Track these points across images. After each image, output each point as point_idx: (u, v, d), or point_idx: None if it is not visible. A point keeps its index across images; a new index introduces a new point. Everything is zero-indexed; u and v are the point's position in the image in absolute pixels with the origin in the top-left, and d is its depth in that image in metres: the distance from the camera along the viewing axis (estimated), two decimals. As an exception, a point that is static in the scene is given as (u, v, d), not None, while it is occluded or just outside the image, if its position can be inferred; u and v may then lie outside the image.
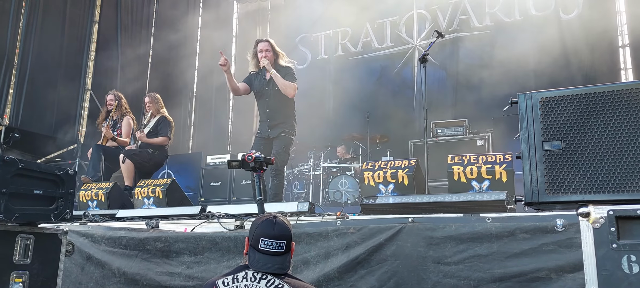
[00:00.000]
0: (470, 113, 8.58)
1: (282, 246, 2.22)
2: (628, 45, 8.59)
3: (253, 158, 3.29)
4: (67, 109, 10.12)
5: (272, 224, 2.24)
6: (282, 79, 4.95)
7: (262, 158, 3.32)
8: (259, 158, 3.30)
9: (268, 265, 2.18)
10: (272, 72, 4.96)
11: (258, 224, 2.27)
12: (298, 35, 12.01)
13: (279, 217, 2.30)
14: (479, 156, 3.89)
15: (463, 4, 10.11)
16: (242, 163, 3.32)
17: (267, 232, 2.22)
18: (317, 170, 8.18)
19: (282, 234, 2.23)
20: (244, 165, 3.31)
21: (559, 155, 2.20)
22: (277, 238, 2.21)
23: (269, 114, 5.06)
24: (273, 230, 2.22)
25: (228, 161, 3.44)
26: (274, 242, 2.20)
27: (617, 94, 2.13)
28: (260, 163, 3.32)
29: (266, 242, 2.20)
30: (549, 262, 2.57)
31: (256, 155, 3.31)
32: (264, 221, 2.27)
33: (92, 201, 5.28)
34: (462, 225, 2.84)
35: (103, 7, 11.03)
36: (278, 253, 2.20)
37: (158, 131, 6.34)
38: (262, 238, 2.20)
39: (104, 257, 3.89)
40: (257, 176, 3.35)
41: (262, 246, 2.19)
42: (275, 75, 4.96)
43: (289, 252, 2.26)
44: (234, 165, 3.38)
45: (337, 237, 3.16)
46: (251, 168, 3.31)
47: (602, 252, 1.95)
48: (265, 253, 2.19)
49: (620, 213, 1.95)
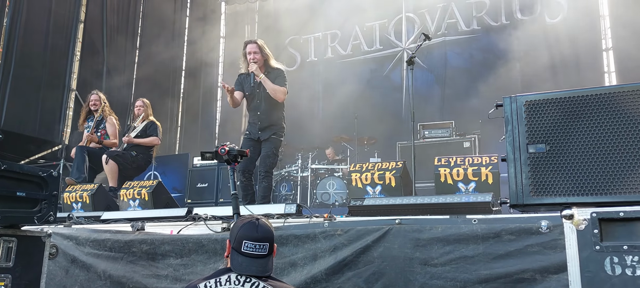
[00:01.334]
0: (457, 115, 8.66)
1: (265, 248, 2.20)
2: (611, 48, 8.72)
3: (227, 150, 3.22)
4: (51, 109, 9.98)
5: (255, 226, 2.23)
6: (271, 83, 4.92)
7: (235, 150, 3.25)
8: (232, 151, 3.24)
9: (251, 267, 2.16)
10: (261, 77, 4.92)
11: (240, 226, 2.25)
12: (287, 37, 12.02)
13: (261, 219, 2.28)
14: (466, 158, 3.91)
15: (451, 7, 10.19)
16: (216, 155, 3.25)
17: (250, 234, 2.20)
18: (305, 172, 8.17)
19: (264, 236, 2.21)
20: (217, 157, 3.24)
21: (543, 157, 2.22)
22: (260, 240, 2.19)
23: (260, 117, 5.03)
24: (256, 232, 2.21)
25: (201, 152, 3.38)
26: (257, 245, 2.19)
27: (601, 98, 2.16)
28: (234, 156, 3.25)
29: (249, 244, 2.18)
30: (534, 263, 2.60)
31: (230, 147, 3.24)
32: (247, 223, 2.25)
33: (76, 203, 5.23)
34: (449, 226, 2.85)
35: (89, 7, 10.89)
36: (261, 255, 2.19)
37: (147, 135, 6.36)
38: (245, 241, 2.18)
39: (89, 259, 3.85)
40: (231, 169, 3.28)
41: (245, 248, 2.18)
42: (265, 80, 4.92)
43: (271, 254, 2.25)
44: (207, 156, 3.32)
45: (325, 238, 3.16)
46: (224, 161, 3.25)
47: (586, 253, 1.97)
48: (249, 255, 2.17)
49: (603, 216, 1.97)
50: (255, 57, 4.97)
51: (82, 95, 10.20)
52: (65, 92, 10.30)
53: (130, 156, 6.16)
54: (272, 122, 5.00)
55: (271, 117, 5.00)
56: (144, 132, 6.36)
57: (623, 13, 8.34)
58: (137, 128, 6.37)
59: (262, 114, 5.01)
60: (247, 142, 5.08)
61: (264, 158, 4.94)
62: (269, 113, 5.00)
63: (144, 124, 6.41)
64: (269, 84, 4.91)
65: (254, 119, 5.09)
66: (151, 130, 6.37)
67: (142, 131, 6.36)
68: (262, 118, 5.01)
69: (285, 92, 4.94)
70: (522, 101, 2.30)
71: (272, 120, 5.00)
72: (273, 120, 5.01)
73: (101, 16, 11.07)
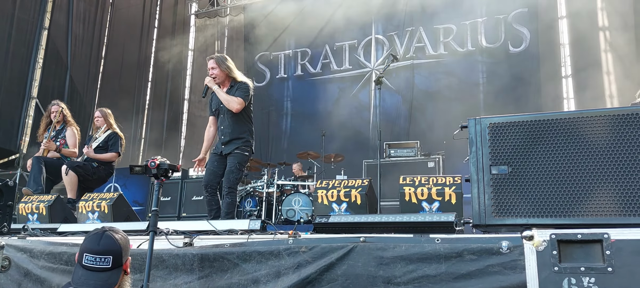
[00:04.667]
0: (422, 136, 8.84)
1: (107, 261, 2.12)
2: (570, 76, 9.09)
3: (157, 164, 3.12)
4: (10, 117, 9.64)
5: (98, 238, 2.15)
6: (224, 93, 4.90)
7: (166, 165, 3.14)
8: (163, 165, 3.13)
9: (89, 281, 2.07)
10: (214, 88, 4.92)
11: (85, 238, 2.18)
12: (257, 53, 12.03)
13: (109, 231, 2.20)
14: (430, 178, 3.96)
15: (419, 32, 10.46)
16: (145, 169, 3.14)
17: (91, 246, 2.13)
18: (271, 188, 8.11)
19: (107, 249, 2.13)
20: (147, 171, 3.13)
21: (505, 179, 2.27)
22: (101, 253, 2.11)
23: (223, 131, 4.99)
24: (97, 245, 2.13)
25: (130, 166, 3.27)
26: (98, 257, 2.11)
27: (560, 122, 2.23)
28: (163, 171, 3.14)
29: (89, 257, 2.11)
30: (495, 283, 2.62)
31: (160, 162, 3.13)
32: (92, 235, 2.18)
33: (32, 214, 5.02)
34: (412, 245, 2.87)
35: (54, 14, 10.64)
36: (102, 269, 2.11)
37: (108, 146, 6.16)
38: (85, 254, 2.11)
39: (43, 273, 3.69)
40: (157, 184, 3.16)
41: (85, 261, 2.10)
42: (217, 91, 4.91)
43: (117, 269, 2.15)
44: (137, 170, 3.20)
45: (289, 255, 3.13)
46: (153, 175, 3.13)
47: (545, 274, 2.01)
48: (88, 268, 2.10)
49: (562, 237, 2.02)
50: (214, 72, 4.97)
51: (43, 104, 9.90)
52: (25, 100, 9.98)
53: (91, 167, 5.98)
54: (234, 136, 4.95)
55: (234, 131, 4.96)
56: (105, 143, 6.18)
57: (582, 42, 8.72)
58: (99, 138, 6.19)
59: (225, 128, 4.97)
60: (212, 157, 5.04)
61: (227, 173, 4.88)
62: (231, 127, 4.96)
63: (106, 135, 6.22)
64: (222, 94, 4.89)
65: (219, 134, 5.06)
66: (112, 142, 6.18)
67: (103, 142, 6.17)
68: (225, 132, 4.97)
69: (240, 103, 4.87)
70: (486, 123, 2.36)
71: (234, 134, 4.96)
72: (236, 134, 4.96)
73: (66, 24, 10.83)
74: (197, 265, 3.23)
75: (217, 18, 12.74)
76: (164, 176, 3.14)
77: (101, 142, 6.17)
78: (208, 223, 3.68)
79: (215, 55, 5.12)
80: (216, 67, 4.99)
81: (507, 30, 9.65)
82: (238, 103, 4.86)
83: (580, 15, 8.75)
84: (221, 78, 4.98)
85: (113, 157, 6.16)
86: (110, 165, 6.22)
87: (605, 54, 8.66)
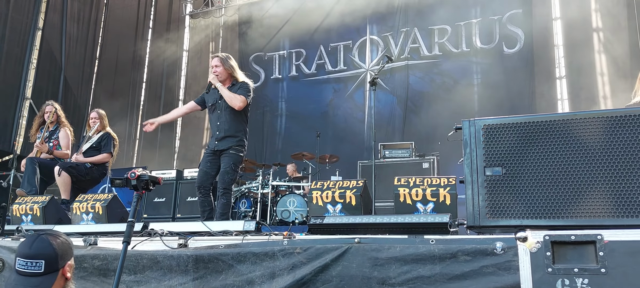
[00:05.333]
0: (417, 136, 8.85)
1: (39, 266, 2.05)
2: (564, 77, 9.13)
3: (136, 176, 3.01)
4: (3, 117, 9.59)
5: (30, 242, 2.10)
6: (227, 91, 4.93)
7: (146, 177, 3.02)
8: (143, 177, 3.01)
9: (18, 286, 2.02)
10: (218, 85, 4.96)
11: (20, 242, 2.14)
12: (252, 54, 12.03)
13: (44, 235, 2.14)
14: (424, 179, 3.96)
15: (413, 33, 10.48)
16: (126, 182, 3.02)
17: (22, 250, 2.08)
18: (266, 188, 8.10)
19: (38, 253, 2.06)
20: (127, 183, 3.02)
21: (499, 180, 2.28)
22: (32, 257, 2.05)
23: (219, 127, 5.00)
24: (29, 248, 2.07)
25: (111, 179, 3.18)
26: (29, 262, 2.05)
27: (554, 124, 2.24)
28: (144, 183, 3.02)
29: (20, 261, 2.06)
30: (489, 284, 2.64)
31: (141, 174, 3.02)
32: (26, 238, 2.13)
33: (26, 215, 5.00)
34: (407, 246, 2.87)
35: (48, 14, 10.58)
36: (34, 274, 2.04)
37: (101, 147, 6.14)
38: (18, 258, 2.07)
39: (36, 274, 3.67)
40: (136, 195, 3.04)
41: (17, 266, 2.06)
42: (221, 88, 4.94)
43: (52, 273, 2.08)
44: (117, 183, 3.09)
45: (283, 257, 3.13)
46: (133, 187, 3.01)
47: (538, 275, 2.02)
48: (20, 273, 2.05)
49: (555, 239, 2.03)
50: (217, 70, 5.03)
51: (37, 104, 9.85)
52: (19, 100, 9.93)
53: (84, 168, 5.95)
54: (230, 133, 4.95)
55: (230, 128, 4.97)
56: (98, 143, 6.15)
57: (576, 43, 8.77)
58: (92, 139, 6.16)
59: (222, 125, 4.98)
60: (205, 157, 5.04)
61: (222, 174, 4.88)
62: (228, 124, 4.97)
63: (99, 135, 6.19)
64: (226, 92, 4.92)
65: (213, 131, 5.09)
66: (105, 143, 6.15)
67: (96, 143, 6.14)
68: (221, 128, 4.97)
69: (243, 101, 4.91)
70: (481, 125, 2.36)
71: (230, 131, 4.96)
72: (232, 132, 4.97)
73: (61, 24, 10.77)
74: (191, 266, 3.23)
75: (212, 18, 12.72)
76: (145, 188, 3.03)
77: (94, 143, 6.14)
78: (203, 225, 3.68)
79: (220, 54, 5.21)
80: (220, 65, 5.05)
81: (501, 31, 9.69)
82: (241, 101, 4.91)
83: (575, 16, 8.80)
84: (224, 76, 5.03)
85: (105, 158, 6.14)
86: (103, 166, 6.19)
87: (599, 55, 8.72)
